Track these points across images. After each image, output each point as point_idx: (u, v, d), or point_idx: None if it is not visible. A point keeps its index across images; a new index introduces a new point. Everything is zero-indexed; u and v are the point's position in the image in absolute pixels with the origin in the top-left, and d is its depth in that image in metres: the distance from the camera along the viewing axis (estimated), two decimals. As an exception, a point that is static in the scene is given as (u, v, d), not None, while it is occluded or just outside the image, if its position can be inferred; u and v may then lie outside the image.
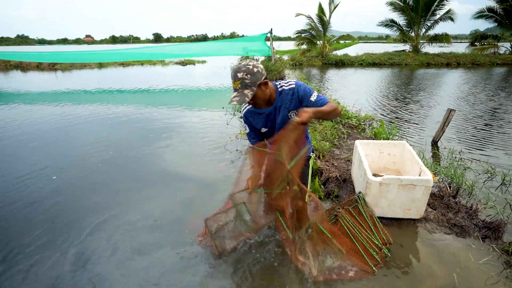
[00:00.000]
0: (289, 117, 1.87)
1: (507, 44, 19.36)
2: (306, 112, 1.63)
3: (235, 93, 1.71)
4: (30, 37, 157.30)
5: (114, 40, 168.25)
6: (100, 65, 18.32)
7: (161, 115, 6.31)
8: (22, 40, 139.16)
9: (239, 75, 1.68)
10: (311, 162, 2.08)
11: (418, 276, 1.91)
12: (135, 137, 4.82)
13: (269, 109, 1.86)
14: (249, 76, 1.69)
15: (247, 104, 1.93)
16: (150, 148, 4.30)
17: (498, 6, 18.08)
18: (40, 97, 8.63)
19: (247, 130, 2.02)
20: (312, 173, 2.14)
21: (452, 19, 18.31)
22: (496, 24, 18.97)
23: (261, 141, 1.98)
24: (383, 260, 2.02)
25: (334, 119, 4.14)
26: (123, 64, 19.01)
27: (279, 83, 1.86)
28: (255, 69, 1.70)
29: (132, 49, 15.96)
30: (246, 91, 1.69)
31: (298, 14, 17.82)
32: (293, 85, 1.82)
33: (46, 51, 17.46)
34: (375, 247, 2.07)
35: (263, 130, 1.95)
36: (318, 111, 1.69)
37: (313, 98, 1.79)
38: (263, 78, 1.73)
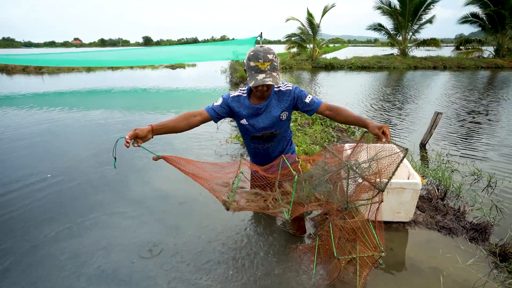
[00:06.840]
0: (281, 117, 1.83)
1: (491, 48, 19.95)
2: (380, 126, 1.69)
3: (263, 75, 1.61)
4: (16, 39, 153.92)
5: (103, 43, 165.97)
6: (89, 69, 18.00)
7: (148, 120, 6.23)
8: (8, 43, 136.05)
9: (269, 56, 1.61)
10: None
11: (406, 279, 1.92)
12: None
13: (262, 104, 1.80)
14: (276, 59, 1.65)
15: (238, 92, 1.84)
16: (139, 154, 4.22)
17: (481, 11, 18.64)
18: (27, 101, 8.42)
19: (219, 103, 1.83)
20: None
21: (431, 22, 18.82)
22: (480, 29, 19.56)
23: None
24: (375, 264, 2.02)
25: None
26: (112, 68, 18.74)
27: None
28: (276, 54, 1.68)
29: (122, 49, 15.71)
30: (274, 74, 1.63)
31: (288, 19, 17.96)
32: (290, 87, 1.83)
33: (33, 53, 17.04)
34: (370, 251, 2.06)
35: (243, 122, 1.86)
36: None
37: (307, 100, 1.80)
38: None
